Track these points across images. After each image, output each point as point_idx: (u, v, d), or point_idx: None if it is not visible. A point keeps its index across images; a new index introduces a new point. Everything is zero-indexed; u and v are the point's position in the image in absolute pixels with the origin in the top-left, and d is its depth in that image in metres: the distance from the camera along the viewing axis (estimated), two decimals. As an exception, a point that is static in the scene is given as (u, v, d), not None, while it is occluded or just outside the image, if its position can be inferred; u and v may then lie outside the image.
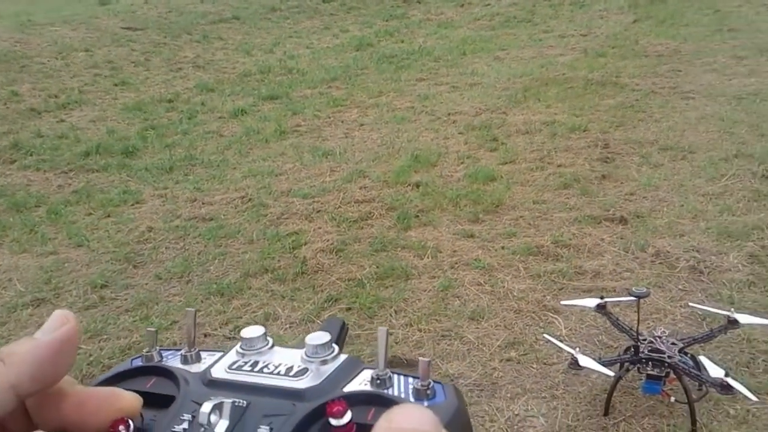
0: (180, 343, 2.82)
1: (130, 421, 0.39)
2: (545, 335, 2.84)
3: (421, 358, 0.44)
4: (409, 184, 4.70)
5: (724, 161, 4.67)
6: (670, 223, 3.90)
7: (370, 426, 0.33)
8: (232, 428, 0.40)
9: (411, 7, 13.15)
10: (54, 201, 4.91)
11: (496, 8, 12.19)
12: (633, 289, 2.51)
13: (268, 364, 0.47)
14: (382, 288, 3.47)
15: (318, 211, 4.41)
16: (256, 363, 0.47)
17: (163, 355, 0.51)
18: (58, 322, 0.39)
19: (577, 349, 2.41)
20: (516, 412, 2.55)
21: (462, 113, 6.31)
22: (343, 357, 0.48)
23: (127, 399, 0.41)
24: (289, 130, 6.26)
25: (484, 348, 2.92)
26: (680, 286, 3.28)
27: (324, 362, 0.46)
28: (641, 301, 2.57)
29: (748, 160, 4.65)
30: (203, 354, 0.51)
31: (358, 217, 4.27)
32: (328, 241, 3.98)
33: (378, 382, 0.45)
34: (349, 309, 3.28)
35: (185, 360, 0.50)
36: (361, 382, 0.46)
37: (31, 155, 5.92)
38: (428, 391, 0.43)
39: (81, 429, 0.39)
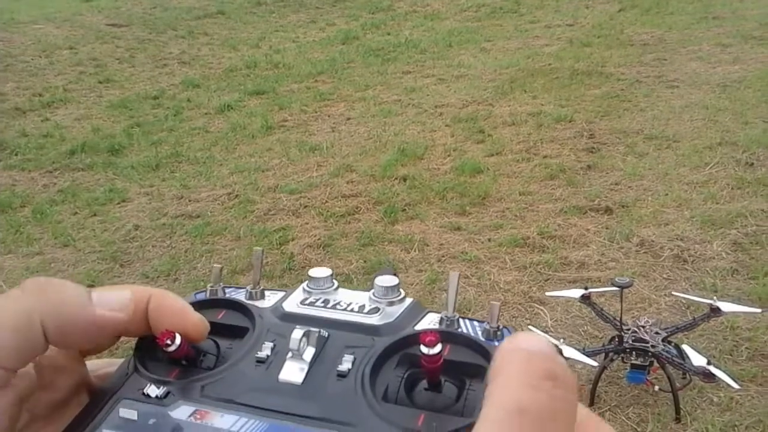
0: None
1: (177, 336, 0.39)
2: (530, 327, 2.86)
3: (492, 302, 0.45)
4: (396, 178, 4.70)
5: (708, 149, 4.70)
6: (654, 213, 3.92)
7: (446, 360, 0.35)
8: (317, 356, 0.41)
9: (397, -1, 13.12)
10: (39, 201, 4.88)
11: (482, -1, 12.17)
12: (616, 279, 2.54)
13: (339, 302, 0.47)
14: (370, 282, 3.47)
15: (305, 207, 4.41)
16: (327, 300, 0.47)
17: (227, 291, 0.51)
18: (120, 304, 0.37)
19: (562, 340, 2.42)
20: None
21: (448, 105, 6.31)
22: (408, 300, 0.48)
23: (194, 316, 0.40)
24: (275, 125, 6.24)
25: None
26: (664, 275, 3.31)
27: (391, 303, 0.47)
28: (625, 290, 2.59)
29: (732, 147, 4.68)
30: (267, 293, 0.50)
31: (345, 212, 4.27)
32: (315, 236, 3.99)
33: (447, 323, 0.45)
34: (337, 304, 3.29)
35: (251, 296, 0.49)
36: (430, 323, 0.46)
37: (15, 155, 5.88)
38: (498, 333, 0.44)
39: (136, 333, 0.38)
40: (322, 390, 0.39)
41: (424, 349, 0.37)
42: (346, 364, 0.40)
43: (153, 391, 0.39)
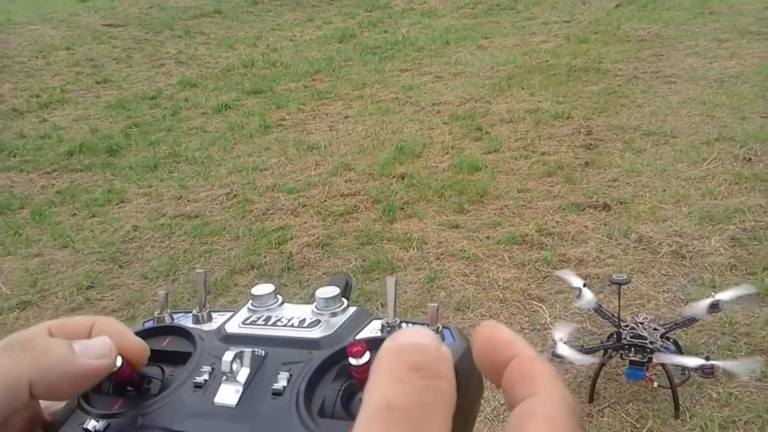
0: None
1: (119, 357, 0.40)
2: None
3: (429, 304, 0.46)
4: (394, 176, 4.71)
5: (705, 145, 4.71)
6: (652, 209, 3.93)
7: None
8: (252, 376, 0.42)
9: (394, -4, 13.10)
10: (38, 202, 4.88)
11: (479, -4, 12.16)
12: (614, 276, 2.54)
13: (280, 318, 0.48)
14: (368, 281, 3.48)
15: (303, 206, 4.41)
16: (269, 318, 0.48)
17: (175, 316, 0.52)
18: (103, 351, 0.38)
19: (560, 337, 2.43)
20: (502, 402, 2.57)
21: (446, 103, 6.31)
22: (352, 309, 0.49)
23: (134, 340, 0.41)
24: (273, 124, 6.24)
25: (470, 339, 2.94)
26: (663, 272, 3.31)
27: (334, 314, 0.48)
28: (624, 287, 2.59)
29: (730, 143, 4.69)
30: (214, 314, 0.52)
31: (343, 211, 4.28)
32: (313, 235, 3.99)
33: (388, 329, 0.46)
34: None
35: (197, 320, 0.51)
36: (372, 331, 0.47)
37: (14, 156, 5.88)
38: (438, 334, 0.44)
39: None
40: (257, 410, 0.40)
41: (352, 361, 0.37)
42: (281, 382, 0.41)
43: (93, 425, 0.40)
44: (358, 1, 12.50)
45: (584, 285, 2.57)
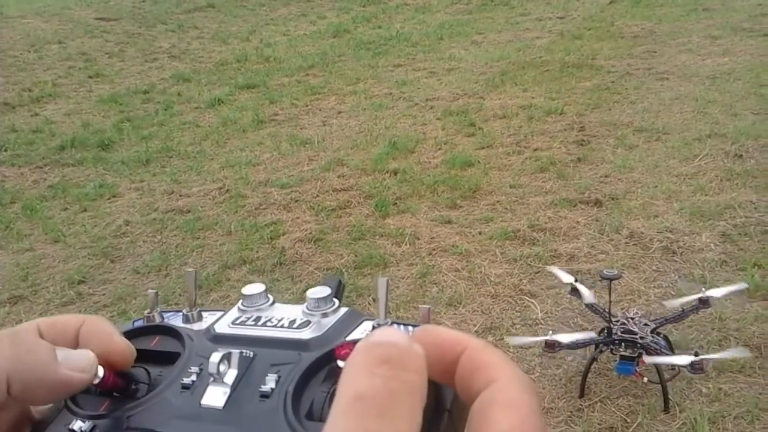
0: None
1: (100, 368, 0.39)
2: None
3: (421, 306, 0.46)
4: (387, 172, 4.71)
5: (697, 141, 4.72)
6: (644, 205, 3.94)
7: None
8: (240, 377, 0.42)
9: (388, -9, 13.08)
10: (29, 196, 4.86)
11: (473, -9, 12.15)
12: (605, 271, 2.55)
13: (270, 318, 0.48)
14: (360, 277, 3.48)
15: (296, 201, 4.41)
16: (258, 318, 0.48)
17: (165, 316, 0.52)
18: (84, 365, 0.38)
19: (551, 332, 2.44)
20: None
21: (439, 99, 6.31)
22: (343, 309, 0.49)
23: (119, 342, 0.41)
24: (266, 119, 6.23)
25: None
26: (654, 267, 3.33)
27: (325, 315, 0.47)
28: (615, 282, 2.60)
29: (721, 139, 4.70)
30: (204, 314, 0.52)
31: (336, 206, 4.27)
32: (306, 230, 3.98)
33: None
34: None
35: (187, 320, 0.51)
36: (362, 332, 0.47)
37: (5, 150, 5.85)
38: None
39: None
40: (244, 413, 0.39)
41: (340, 363, 0.37)
42: (269, 384, 0.41)
43: (79, 426, 0.40)
44: (352, -4, 12.47)
45: (575, 280, 2.58)
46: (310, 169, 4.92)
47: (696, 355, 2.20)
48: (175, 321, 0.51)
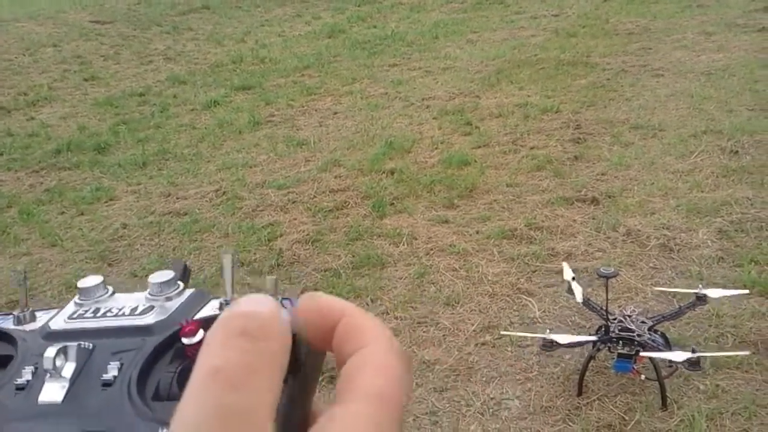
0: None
1: None
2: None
3: (268, 276, 0.46)
4: (384, 172, 4.71)
5: (693, 138, 4.73)
6: (640, 202, 3.95)
7: None
8: (80, 370, 0.41)
9: (383, -9, 13.07)
10: (26, 201, 4.85)
11: (467, -10, 12.15)
12: (601, 269, 2.56)
13: (111, 308, 0.47)
14: (358, 277, 3.48)
15: (293, 202, 4.41)
16: (98, 309, 0.47)
17: None
18: None
19: (549, 330, 2.44)
20: (491, 396, 2.59)
21: (435, 98, 6.31)
22: (189, 291, 0.48)
23: None
24: (262, 120, 6.23)
25: (460, 333, 2.96)
26: (651, 264, 3.33)
27: (169, 298, 0.47)
28: (612, 280, 2.61)
29: (717, 136, 4.71)
30: (38, 313, 0.50)
31: (333, 207, 4.27)
32: (303, 231, 3.99)
33: (226, 307, 0.46)
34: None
35: (18, 321, 0.49)
36: (210, 310, 0.47)
37: (1, 155, 5.84)
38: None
39: None
40: (86, 404, 0.39)
41: (185, 340, 0.37)
42: (111, 372, 0.40)
43: None
44: (347, -4, 12.46)
45: (573, 278, 2.59)
46: (306, 170, 4.92)
47: (693, 352, 2.21)
48: (6, 324, 0.50)
